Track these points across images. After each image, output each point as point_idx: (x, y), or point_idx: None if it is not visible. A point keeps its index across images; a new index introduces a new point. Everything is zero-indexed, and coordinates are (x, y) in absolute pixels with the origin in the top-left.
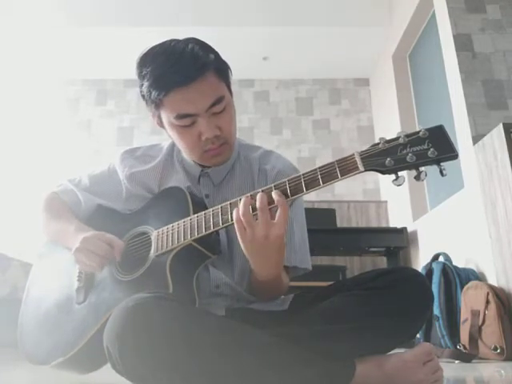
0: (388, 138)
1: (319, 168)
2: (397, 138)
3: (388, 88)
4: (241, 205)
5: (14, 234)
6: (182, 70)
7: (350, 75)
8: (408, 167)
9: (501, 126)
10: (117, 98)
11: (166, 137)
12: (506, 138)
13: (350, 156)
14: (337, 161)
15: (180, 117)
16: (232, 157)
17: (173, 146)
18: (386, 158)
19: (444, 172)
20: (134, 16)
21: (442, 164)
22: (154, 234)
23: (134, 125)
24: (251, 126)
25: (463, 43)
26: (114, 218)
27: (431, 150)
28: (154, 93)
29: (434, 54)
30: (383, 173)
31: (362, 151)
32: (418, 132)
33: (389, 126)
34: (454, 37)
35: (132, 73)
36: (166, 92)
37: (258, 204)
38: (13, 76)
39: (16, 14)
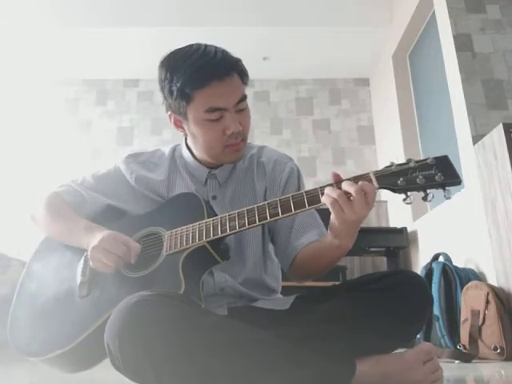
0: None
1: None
2: (407, 162)
3: (388, 88)
4: (330, 190)
5: (14, 233)
6: (217, 66)
7: (350, 75)
8: (417, 188)
9: (501, 126)
10: (117, 98)
11: (165, 137)
12: (506, 138)
13: (366, 174)
14: (353, 177)
15: (211, 110)
16: None
17: (173, 151)
18: (398, 178)
19: (448, 196)
20: (134, 16)
21: (447, 188)
22: (166, 235)
23: (134, 125)
24: (251, 125)
25: (463, 43)
26: (123, 219)
27: (438, 174)
28: (188, 86)
29: (434, 54)
30: (395, 191)
31: (376, 171)
32: (426, 159)
33: (389, 126)
34: (454, 37)
35: (132, 73)
36: (202, 85)
37: (353, 189)
38: (12, 76)
39: (15, 14)
